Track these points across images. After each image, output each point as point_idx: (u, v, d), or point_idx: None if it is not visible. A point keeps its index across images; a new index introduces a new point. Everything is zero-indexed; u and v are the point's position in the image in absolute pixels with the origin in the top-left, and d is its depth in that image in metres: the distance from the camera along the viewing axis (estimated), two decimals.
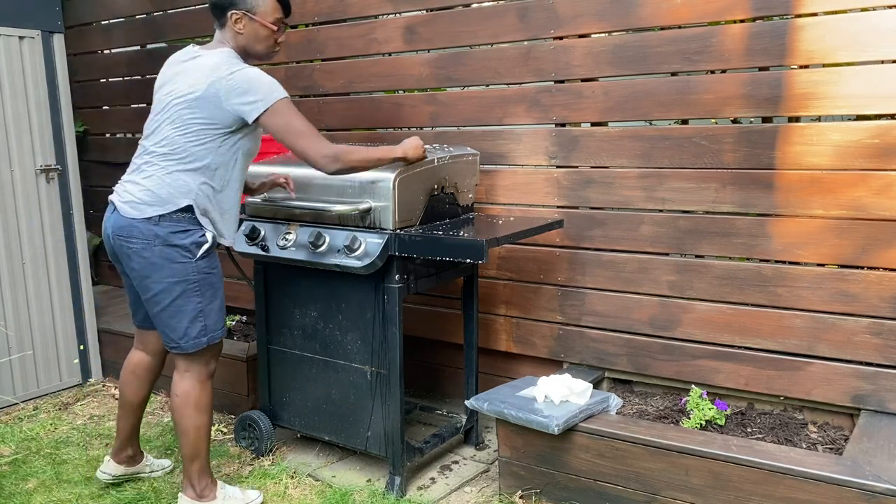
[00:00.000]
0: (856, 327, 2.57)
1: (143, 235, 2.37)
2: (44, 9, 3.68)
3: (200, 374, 2.52)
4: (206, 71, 2.35)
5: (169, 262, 2.38)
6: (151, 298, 2.44)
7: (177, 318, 2.43)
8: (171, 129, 2.38)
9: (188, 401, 2.50)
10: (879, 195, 2.46)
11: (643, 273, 2.93)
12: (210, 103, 2.33)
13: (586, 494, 2.54)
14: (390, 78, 3.42)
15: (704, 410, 2.70)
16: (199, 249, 2.41)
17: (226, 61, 2.37)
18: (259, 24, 2.44)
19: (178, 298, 2.41)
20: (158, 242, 2.37)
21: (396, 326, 2.64)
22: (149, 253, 2.37)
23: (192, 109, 2.35)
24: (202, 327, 2.46)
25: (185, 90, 2.36)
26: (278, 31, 2.50)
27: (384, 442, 2.74)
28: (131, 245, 2.39)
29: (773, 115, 2.61)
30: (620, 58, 2.85)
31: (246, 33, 2.45)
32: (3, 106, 3.54)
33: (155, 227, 2.37)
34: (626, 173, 2.91)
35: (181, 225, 2.39)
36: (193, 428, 2.52)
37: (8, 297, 3.58)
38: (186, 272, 2.40)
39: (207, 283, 2.46)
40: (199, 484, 2.56)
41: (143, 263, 2.39)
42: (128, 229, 2.39)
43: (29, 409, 3.61)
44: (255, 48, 2.48)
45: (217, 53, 2.41)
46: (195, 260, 2.41)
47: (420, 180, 2.69)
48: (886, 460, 2.23)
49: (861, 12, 2.42)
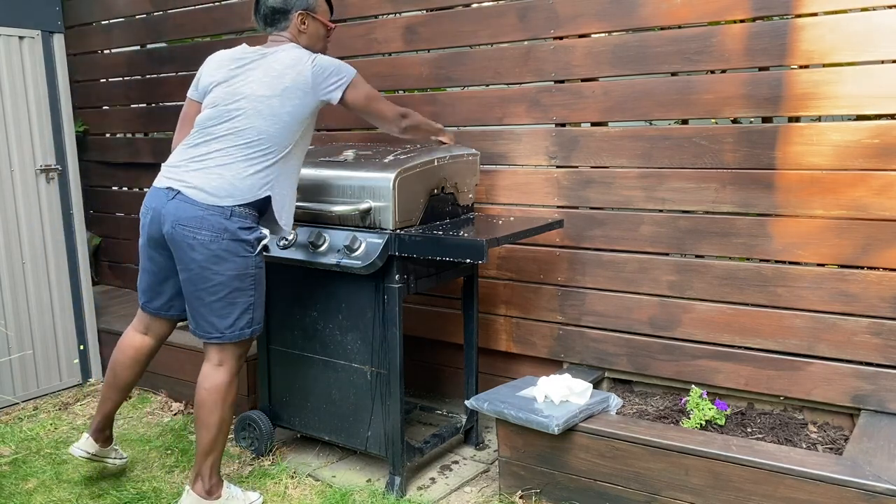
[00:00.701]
0: (856, 327, 2.57)
1: (213, 228, 2.39)
2: (44, 9, 3.68)
3: (233, 368, 2.54)
4: (288, 62, 2.48)
5: (234, 255, 2.43)
6: (208, 289, 2.44)
7: (229, 308, 2.47)
8: (260, 121, 2.43)
9: (219, 395, 2.51)
10: (879, 195, 2.46)
11: (643, 273, 2.93)
12: (300, 90, 2.46)
13: (586, 494, 2.54)
14: (390, 78, 3.42)
15: (704, 410, 2.70)
16: (259, 244, 2.49)
17: (305, 53, 2.53)
18: (320, 22, 2.64)
19: (235, 291, 2.46)
20: (227, 236, 2.41)
21: (396, 326, 2.64)
22: (216, 245, 2.40)
23: (282, 100, 2.44)
24: (249, 319, 2.52)
25: (269, 82, 2.45)
26: (329, 33, 2.71)
27: (384, 442, 2.74)
28: (197, 236, 2.39)
29: (773, 115, 2.61)
30: (620, 58, 2.85)
31: (309, 32, 2.62)
32: (3, 106, 3.54)
33: (226, 220, 2.40)
34: (626, 173, 2.91)
35: (248, 221, 2.45)
36: (218, 422, 2.51)
37: (8, 297, 3.58)
38: (247, 266, 2.47)
39: (260, 277, 2.54)
40: (210, 480, 2.56)
41: (207, 255, 2.40)
42: (198, 220, 2.39)
43: (29, 409, 3.61)
44: (316, 45, 2.64)
45: (292, 48, 2.55)
46: (254, 255, 2.49)
47: (420, 180, 2.69)
48: (886, 460, 2.23)
49: (861, 12, 2.42)
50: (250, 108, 2.44)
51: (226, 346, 2.51)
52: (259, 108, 2.43)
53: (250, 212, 2.46)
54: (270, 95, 2.44)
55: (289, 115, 2.46)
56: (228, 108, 2.46)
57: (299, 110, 2.48)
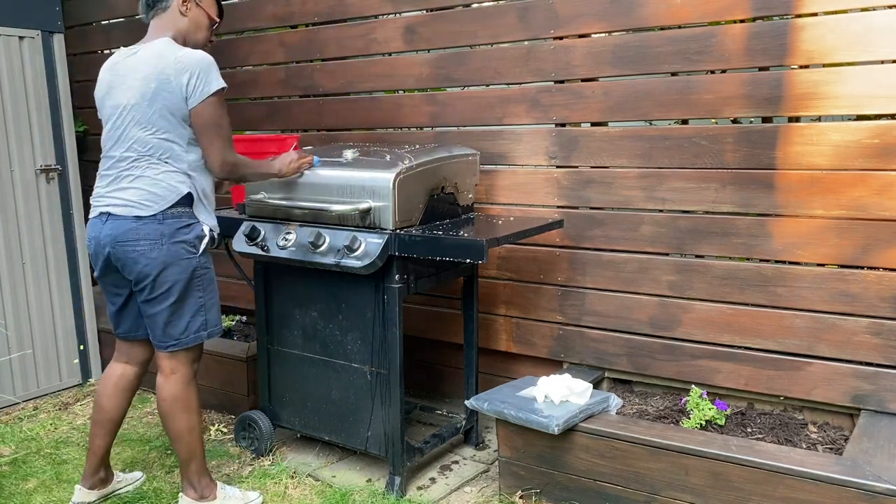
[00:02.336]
0: (856, 327, 2.56)
1: (150, 236, 2.37)
2: (44, 9, 3.68)
3: (186, 375, 2.52)
4: (150, 62, 2.36)
5: (177, 258, 2.41)
6: (157, 297, 2.43)
7: (179, 313, 2.45)
8: (140, 131, 2.38)
9: (177, 404, 2.50)
10: (879, 195, 2.46)
11: (643, 273, 2.93)
12: (164, 91, 2.34)
13: (586, 494, 2.54)
14: (390, 78, 3.42)
15: (704, 410, 2.70)
16: (200, 244, 2.46)
17: (170, 47, 2.39)
18: (203, 11, 2.55)
19: (184, 294, 2.44)
20: (165, 241, 2.39)
21: (396, 326, 2.64)
22: (156, 252, 2.38)
23: (150, 106, 2.36)
24: (203, 321, 2.51)
25: (139, 87, 2.36)
26: (213, 27, 2.60)
27: (384, 442, 2.74)
28: (137, 248, 2.38)
29: (773, 115, 2.61)
30: (620, 58, 2.85)
31: (190, 17, 2.52)
32: (3, 106, 3.54)
33: (160, 225, 2.38)
34: (626, 173, 2.91)
35: (183, 220, 2.42)
36: (186, 430, 2.52)
37: (8, 297, 3.58)
38: (192, 267, 2.44)
39: (208, 277, 2.51)
40: (200, 484, 2.57)
41: (150, 263, 2.39)
42: (133, 233, 2.38)
43: (29, 409, 3.61)
44: (195, 36, 2.54)
45: (157, 43, 2.41)
46: (198, 255, 2.46)
47: (420, 180, 2.69)
48: (886, 460, 2.23)
49: (861, 12, 2.42)
50: (130, 121, 2.39)
51: (176, 353, 2.49)
52: (136, 117, 2.38)
53: (182, 211, 2.42)
54: (138, 104, 2.37)
55: (162, 119, 2.37)
56: (115, 126, 2.43)
57: (174, 109, 2.37)
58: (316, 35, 3.59)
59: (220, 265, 4.07)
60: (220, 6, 2.64)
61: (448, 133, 3.32)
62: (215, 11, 2.60)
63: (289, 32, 3.71)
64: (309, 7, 3.58)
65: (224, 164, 2.44)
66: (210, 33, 2.60)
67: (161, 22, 2.49)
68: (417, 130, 3.42)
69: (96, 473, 2.69)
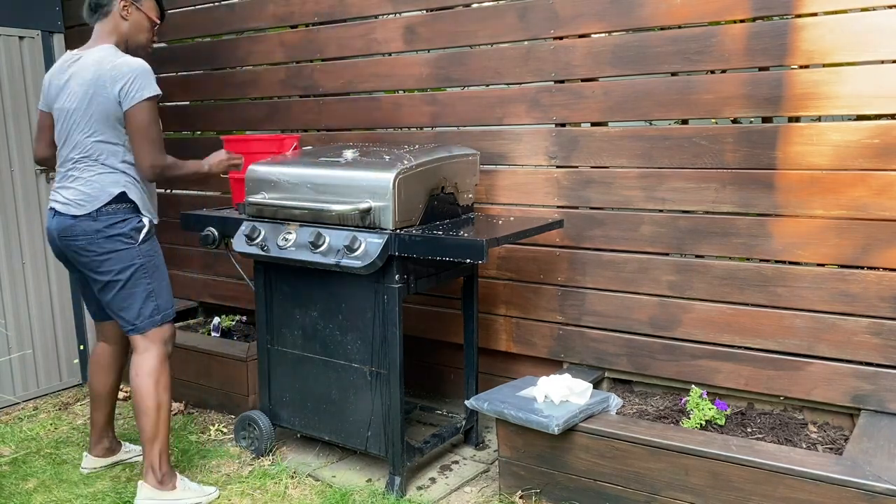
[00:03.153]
0: (856, 327, 2.56)
1: (85, 232, 2.55)
2: (44, 9, 3.68)
3: (160, 353, 2.66)
4: (90, 68, 2.52)
5: (114, 251, 2.56)
6: (104, 287, 2.60)
7: (129, 301, 2.61)
8: (79, 135, 2.55)
9: (148, 380, 2.61)
10: (879, 195, 2.46)
11: (643, 273, 2.93)
12: (101, 97, 2.50)
13: (586, 494, 2.54)
14: (390, 78, 3.42)
15: (704, 410, 2.70)
16: (139, 234, 2.60)
17: (108, 54, 2.55)
18: (144, 14, 2.67)
19: (129, 283, 2.59)
20: (100, 236, 2.55)
21: (396, 326, 2.64)
22: (94, 246, 2.55)
23: (88, 110, 2.52)
24: (155, 307, 2.64)
25: (79, 92, 2.53)
26: (154, 28, 2.73)
27: (384, 442, 2.74)
28: (76, 242, 2.56)
29: (773, 115, 2.61)
30: (620, 58, 2.85)
31: (131, 21, 2.65)
32: (3, 106, 3.54)
33: (94, 222, 2.55)
34: (626, 173, 2.91)
35: (117, 216, 2.57)
36: (155, 407, 2.61)
37: (8, 297, 3.58)
38: (132, 257, 2.59)
39: (153, 265, 2.64)
40: (160, 470, 2.63)
41: (90, 257, 2.57)
42: (71, 228, 2.56)
43: (29, 409, 3.61)
44: (137, 38, 2.68)
45: (97, 50, 2.58)
46: (138, 245, 2.60)
47: (420, 180, 2.69)
48: (886, 460, 2.23)
49: (861, 12, 2.42)
50: (72, 124, 2.56)
51: (147, 333, 2.64)
52: (77, 121, 2.54)
53: (118, 207, 2.57)
54: (78, 108, 2.53)
55: (100, 123, 2.53)
56: (62, 129, 2.60)
57: (110, 112, 2.51)
58: (316, 35, 3.59)
59: (221, 265, 4.10)
60: (161, 8, 2.76)
61: (448, 133, 3.32)
62: (155, 14, 2.72)
63: (289, 32, 3.70)
64: (309, 7, 3.58)
65: (153, 167, 2.56)
66: (152, 35, 2.74)
67: (104, 26, 2.64)
68: (417, 130, 3.42)
69: (100, 443, 2.93)
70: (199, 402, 3.59)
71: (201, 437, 3.27)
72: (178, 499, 2.64)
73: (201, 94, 4.11)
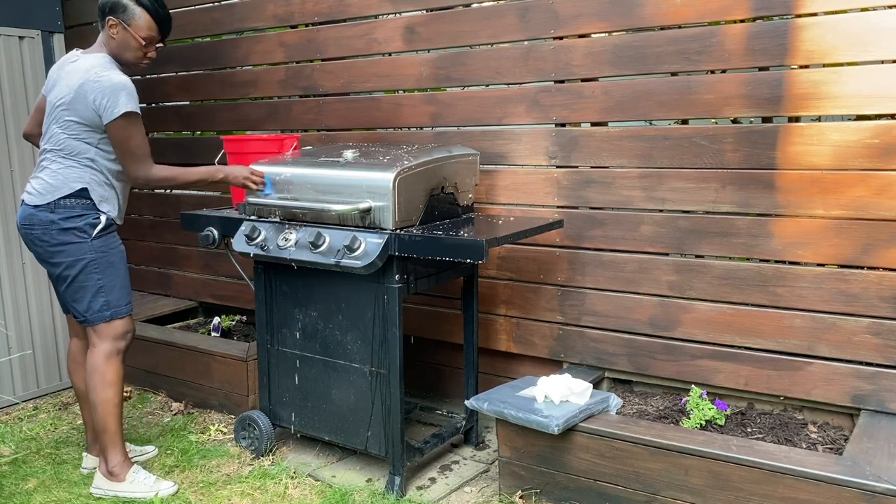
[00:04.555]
0: (856, 327, 2.56)
1: (41, 222, 2.62)
2: (44, 9, 3.68)
3: (108, 349, 2.71)
4: (80, 73, 2.59)
5: (66, 243, 2.62)
6: (56, 280, 2.69)
7: (79, 293, 2.67)
8: (56, 129, 2.63)
9: (95, 375, 2.69)
10: (879, 195, 2.46)
11: (643, 273, 2.93)
12: (80, 104, 2.57)
13: (586, 494, 2.54)
14: (390, 78, 3.42)
15: (704, 410, 2.70)
16: (93, 230, 2.65)
17: (96, 65, 2.60)
18: (131, 35, 2.66)
19: (79, 275, 2.65)
20: (54, 227, 2.62)
21: (396, 326, 2.64)
22: (47, 237, 2.63)
23: (68, 110, 2.60)
24: (104, 302, 2.68)
25: (65, 92, 2.60)
26: (147, 47, 2.71)
27: (384, 442, 2.74)
28: (33, 231, 2.64)
29: (773, 115, 2.61)
30: (620, 58, 2.85)
31: (118, 40, 2.67)
32: (3, 106, 3.54)
33: (51, 213, 2.62)
34: (626, 173, 2.91)
35: (75, 210, 2.63)
36: (101, 402, 2.70)
37: (8, 297, 3.58)
38: (83, 251, 2.64)
39: (106, 261, 2.68)
40: (111, 461, 2.74)
41: (43, 247, 2.65)
42: (29, 218, 2.64)
43: (29, 409, 3.61)
44: (124, 55, 2.69)
45: (92, 57, 2.64)
46: (91, 240, 2.64)
47: (420, 180, 2.69)
48: (886, 460, 2.23)
49: (861, 12, 2.42)
50: (54, 118, 2.64)
51: (97, 328, 2.69)
52: (58, 117, 2.62)
53: (76, 201, 2.63)
54: (62, 105, 2.60)
55: (76, 123, 2.60)
56: (47, 122, 2.68)
57: (83, 121, 2.59)
58: (316, 35, 3.59)
59: (221, 265, 4.10)
60: (158, 28, 2.71)
61: (448, 133, 3.32)
62: (145, 34, 2.68)
63: (289, 32, 3.70)
64: (309, 7, 3.58)
65: (137, 179, 2.66)
66: (142, 53, 2.71)
67: (102, 36, 2.70)
68: (417, 130, 3.42)
69: (97, 442, 2.87)
70: (199, 402, 3.59)
71: (201, 437, 3.27)
72: (123, 490, 2.73)
73: (201, 94, 4.11)
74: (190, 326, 4.12)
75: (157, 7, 2.69)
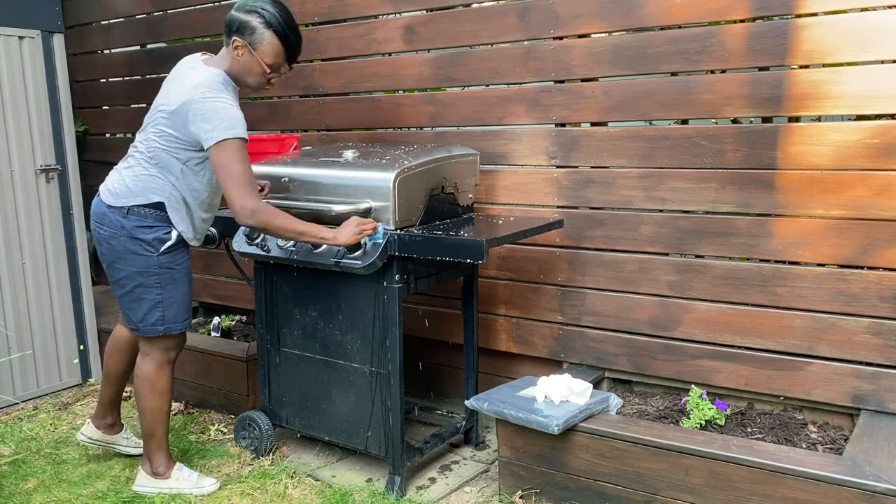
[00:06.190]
0: (856, 327, 2.56)
1: (112, 224, 2.56)
2: (44, 9, 3.68)
3: (159, 359, 2.69)
4: (187, 87, 2.45)
5: (131, 253, 2.56)
6: (115, 283, 2.64)
7: (136, 303, 2.61)
8: (153, 134, 2.54)
9: (145, 383, 2.68)
10: (879, 195, 2.46)
11: (643, 273, 2.93)
12: (180, 120, 2.46)
13: (586, 494, 2.54)
14: (390, 78, 3.42)
15: (704, 410, 2.70)
16: (161, 245, 2.58)
17: (207, 83, 2.44)
18: (256, 60, 2.50)
19: (139, 287, 2.59)
20: (124, 234, 2.55)
21: (396, 326, 2.64)
22: (115, 241, 2.56)
23: (167, 120, 2.49)
24: (160, 317, 2.62)
25: (170, 100, 2.49)
26: (272, 73, 2.54)
27: (384, 442, 2.74)
28: (101, 231, 2.59)
29: (773, 115, 2.61)
30: (620, 58, 2.85)
31: (242, 62, 2.51)
32: (3, 106, 3.54)
33: (123, 218, 2.55)
34: (626, 173, 2.91)
35: (147, 220, 2.55)
36: (149, 409, 2.70)
37: (8, 297, 3.58)
38: (147, 265, 2.57)
39: (169, 277, 2.61)
40: (155, 461, 2.76)
41: (109, 250, 2.59)
42: (101, 216, 2.58)
43: (29, 409, 3.61)
44: (246, 79, 2.55)
45: (206, 73, 2.48)
46: (157, 255, 2.57)
47: (420, 180, 2.69)
48: (886, 460, 2.23)
49: (861, 12, 2.42)
50: (153, 121, 2.54)
51: (149, 338, 2.66)
52: (157, 121, 2.52)
53: (150, 212, 2.55)
54: (163, 112, 2.50)
55: (171, 136, 2.49)
56: (148, 116, 2.59)
57: (179, 137, 2.48)
58: (316, 35, 3.59)
59: (221, 265, 4.09)
60: (286, 55, 2.53)
61: (448, 133, 3.32)
62: (272, 60, 2.50)
63: None
64: (309, 7, 3.58)
65: (243, 209, 2.39)
66: (265, 80, 2.54)
67: (225, 52, 2.54)
68: (417, 130, 3.42)
69: (103, 418, 2.97)
70: (199, 402, 3.59)
71: (201, 437, 3.27)
72: (169, 487, 2.75)
73: None
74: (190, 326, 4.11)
75: (289, 32, 2.48)
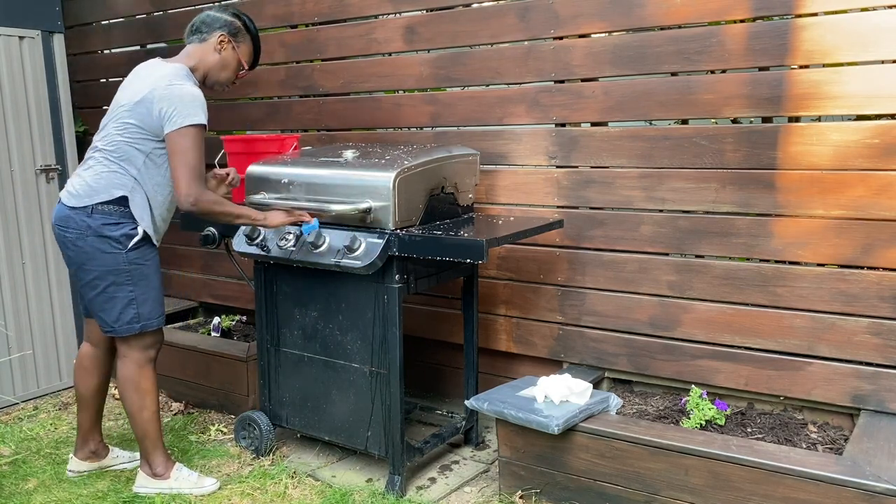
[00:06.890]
0: (856, 327, 2.56)
1: (77, 226, 2.54)
2: (44, 9, 3.68)
3: (139, 359, 2.67)
4: (153, 79, 2.52)
5: (100, 252, 2.54)
6: (85, 285, 2.61)
7: (109, 304, 2.59)
8: (113, 129, 2.55)
9: (129, 385, 2.67)
10: (879, 195, 2.46)
11: (643, 273, 2.93)
12: (145, 108, 2.49)
13: (586, 494, 2.54)
14: (390, 78, 3.42)
15: (704, 410, 2.70)
16: (129, 241, 2.56)
17: (173, 74, 2.53)
18: (237, 55, 2.68)
19: (111, 286, 2.57)
20: (90, 233, 2.53)
21: (396, 326, 2.64)
22: (81, 242, 2.54)
23: (130, 112, 2.51)
24: (135, 314, 2.61)
25: (131, 95, 2.53)
26: (242, 72, 2.74)
27: (384, 442, 2.74)
28: (67, 234, 2.56)
29: (773, 115, 2.61)
30: (620, 58, 2.85)
31: (223, 57, 2.66)
32: (3, 106, 3.54)
33: (88, 218, 2.53)
34: (626, 173, 2.91)
35: (112, 217, 2.54)
36: (137, 410, 2.69)
37: (8, 297, 3.58)
38: (117, 262, 2.56)
39: (140, 273, 2.60)
40: (153, 462, 2.75)
41: (76, 252, 2.56)
42: (65, 219, 2.56)
43: (29, 409, 3.61)
44: (219, 74, 2.68)
45: (171, 66, 2.58)
46: (126, 251, 2.56)
47: (420, 180, 2.69)
48: (886, 460, 2.23)
49: (861, 12, 2.42)
50: (113, 118, 2.56)
51: (126, 338, 2.64)
52: (118, 117, 2.54)
53: (115, 209, 2.54)
54: (124, 107, 2.52)
55: (134, 126, 2.51)
56: (106, 118, 2.60)
57: (146, 123, 2.50)
58: (316, 35, 3.59)
59: (221, 265, 4.09)
60: (258, 57, 2.78)
61: (448, 133, 3.32)
62: (248, 59, 2.73)
63: (289, 32, 3.70)
64: (309, 7, 3.58)
65: (188, 195, 2.47)
66: (235, 76, 2.72)
67: (193, 49, 2.66)
68: (417, 130, 3.42)
69: (85, 446, 2.91)
70: (199, 402, 3.59)
71: (201, 437, 3.27)
72: (169, 487, 2.74)
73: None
74: (190, 326, 4.12)
75: (259, 41, 2.77)
